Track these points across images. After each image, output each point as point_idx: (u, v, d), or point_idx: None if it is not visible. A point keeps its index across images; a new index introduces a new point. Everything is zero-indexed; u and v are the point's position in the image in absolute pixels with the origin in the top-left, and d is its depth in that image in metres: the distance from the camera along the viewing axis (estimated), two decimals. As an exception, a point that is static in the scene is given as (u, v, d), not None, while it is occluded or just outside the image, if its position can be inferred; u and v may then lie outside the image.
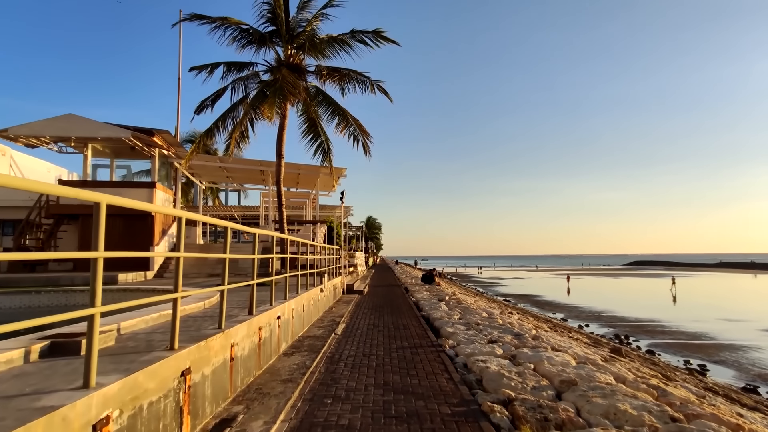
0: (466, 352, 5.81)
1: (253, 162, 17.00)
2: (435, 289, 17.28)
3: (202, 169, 18.59)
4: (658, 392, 4.20)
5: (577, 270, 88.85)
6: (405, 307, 11.29)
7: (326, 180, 18.84)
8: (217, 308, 5.50)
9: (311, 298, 8.57)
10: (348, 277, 18.07)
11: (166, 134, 14.17)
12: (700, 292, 42.68)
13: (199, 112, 15.88)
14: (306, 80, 15.09)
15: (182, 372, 2.87)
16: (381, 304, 12.14)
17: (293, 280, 7.87)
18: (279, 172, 14.92)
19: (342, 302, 12.35)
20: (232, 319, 4.48)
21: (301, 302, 7.42)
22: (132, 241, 13.45)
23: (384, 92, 15.55)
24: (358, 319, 9.04)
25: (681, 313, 26.52)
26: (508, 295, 37.66)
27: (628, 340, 18.64)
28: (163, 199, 15.44)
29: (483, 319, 9.15)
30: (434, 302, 12.26)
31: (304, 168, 17.33)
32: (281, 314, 5.92)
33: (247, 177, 19.93)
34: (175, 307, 3.05)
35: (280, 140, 14.93)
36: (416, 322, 8.84)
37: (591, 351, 7.25)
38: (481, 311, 10.70)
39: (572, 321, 23.30)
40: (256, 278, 5.04)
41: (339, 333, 7.40)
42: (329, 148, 16.03)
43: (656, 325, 22.55)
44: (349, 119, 14.09)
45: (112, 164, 15.96)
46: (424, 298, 13.51)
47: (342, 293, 14.64)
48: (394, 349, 6.16)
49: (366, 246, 61.54)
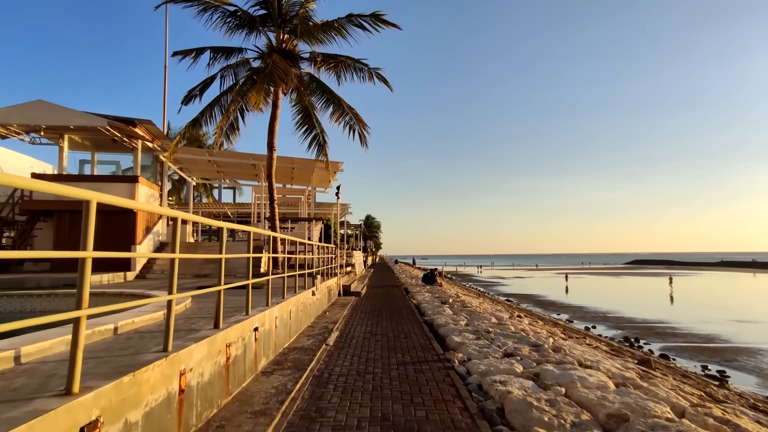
0: (479, 370, 4.88)
1: (244, 155, 16.04)
2: (437, 291, 16.36)
3: (192, 164, 17.63)
4: (731, 428, 3.28)
5: (577, 269, 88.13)
6: (405, 311, 10.37)
7: (322, 175, 17.89)
8: (186, 318, 4.61)
9: (301, 303, 7.64)
10: (345, 277, 17.13)
11: (150, 125, 13.20)
12: (705, 292, 41.91)
13: (187, 102, 14.91)
14: (299, 67, 14.13)
15: (81, 429, 1.93)
16: (379, 307, 11.21)
17: (281, 282, 6.95)
18: (270, 166, 13.96)
19: (337, 305, 11.41)
20: (188, 336, 3.53)
21: (287, 308, 6.48)
22: (112, 239, 12.50)
23: (383, 80, 14.61)
24: (353, 326, 8.11)
25: (689, 314, 25.69)
26: (510, 294, 36.85)
27: (639, 343, 17.80)
28: (148, 195, 14.49)
29: (493, 325, 8.22)
30: (437, 305, 11.34)
31: (298, 162, 16.38)
32: (260, 324, 4.98)
33: (239, 172, 18.97)
34: (77, 329, 2.10)
35: (272, 131, 13.97)
36: (418, 329, 7.91)
37: (618, 364, 6.33)
38: (489, 316, 9.78)
39: (578, 322, 22.45)
40: (223, 282, 4.09)
41: (331, 344, 6.46)
42: (325, 141, 15.09)
43: (666, 327, 21.71)
44: (344, 107, 13.14)
45: (93, 158, 14.99)
46: (426, 300, 12.59)
47: (338, 295, 13.71)
48: (394, 365, 5.22)
49: (365, 245, 60.65)
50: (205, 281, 11.57)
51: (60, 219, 12.36)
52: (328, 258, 13.95)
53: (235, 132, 16.16)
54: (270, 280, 6.69)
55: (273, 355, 5.56)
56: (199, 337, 3.50)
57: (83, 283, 2.19)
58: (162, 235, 15.62)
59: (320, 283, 9.44)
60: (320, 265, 11.84)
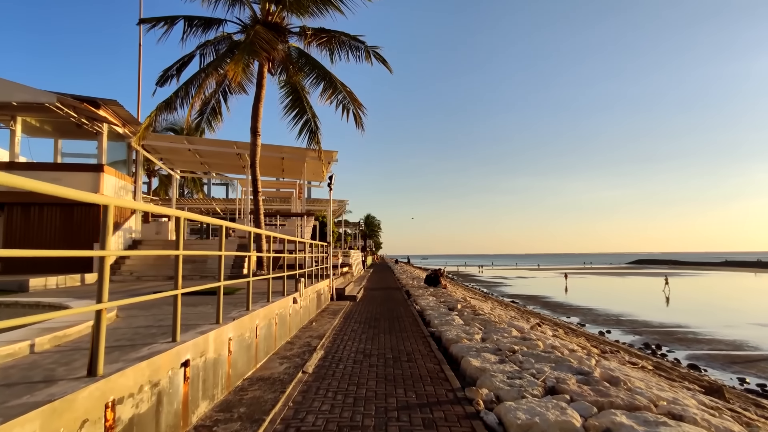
0: (518, 422, 3.30)
1: (227, 143, 14.43)
2: (441, 293, 14.76)
3: (172, 154, 16.00)
4: None
5: (579, 269, 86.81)
6: (408, 320, 8.78)
7: (315, 167, 16.28)
8: (84, 341, 3.02)
9: (276, 315, 6.05)
10: (340, 279, 15.53)
11: (117, 107, 11.59)
12: (716, 293, 40.47)
13: (163, 83, 13.28)
14: (287, 41, 12.52)
15: None
16: (377, 315, 9.62)
17: (264, 285, 5.40)
18: (254, 153, 12.35)
19: (328, 313, 9.82)
20: (23, 398, 1.93)
21: (250, 325, 4.89)
22: (70, 236, 10.93)
23: (382, 60, 12.99)
24: (343, 342, 6.52)
25: (706, 317, 24.20)
26: (514, 296, 35.47)
27: (661, 350, 16.31)
28: (118, 187, 12.89)
29: (515, 340, 6.63)
30: (444, 312, 9.75)
31: (287, 151, 14.78)
32: (194, 355, 3.38)
33: (224, 164, 17.34)
34: None
35: (256, 114, 12.36)
36: (425, 346, 6.33)
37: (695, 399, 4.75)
38: (506, 326, 8.19)
39: (590, 326, 20.97)
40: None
41: (310, 370, 4.86)
42: (317, 126, 13.49)
43: (686, 332, 20.19)
44: (337, 85, 11.52)
45: (56, 145, 13.39)
46: (431, 306, 11.00)
47: (330, 300, 12.11)
48: (393, 410, 3.63)
49: (364, 244, 59.12)
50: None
51: (10, 213, 10.78)
52: (319, 258, 12.36)
53: (217, 117, 14.56)
54: (250, 283, 5.14)
55: (223, 393, 3.96)
56: (36, 402, 1.89)
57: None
58: (136, 233, 14.04)
59: (305, 288, 7.85)
60: (311, 266, 10.26)
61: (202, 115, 14.37)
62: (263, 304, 5.72)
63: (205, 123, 14.52)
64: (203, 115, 14.36)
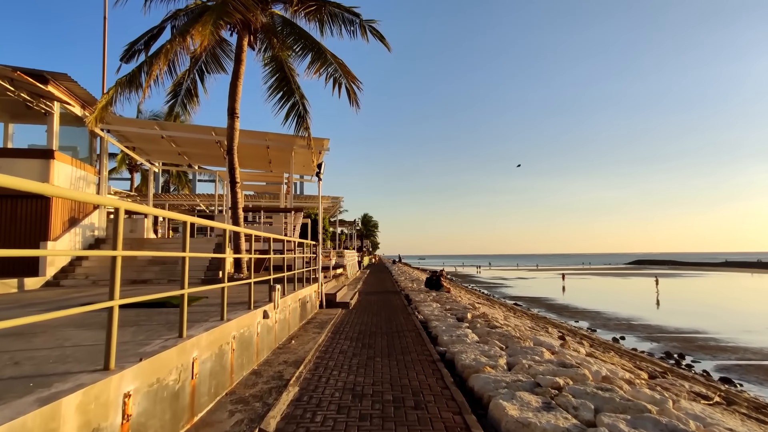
0: None
1: (204, 129, 12.76)
2: (445, 298, 13.18)
3: (144, 142, 14.30)
4: None
5: (579, 270, 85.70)
6: (410, 335, 7.19)
7: (305, 158, 14.66)
8: None
9: (233, 338, 4.44)
10: (332, 282, 13.93)
11: (69, 82, 9.92)
12: (723, 294, 39.16)
13: (129, 58, 11.61)
14: (270, 8, 10.90)
15: None
16: (373, 327, 8.02)
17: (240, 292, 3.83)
18: (232, 137, 10.73)
19: (314, 325, 8.20)
20: None
21: (179, 361, 3.27)
22: (12, 232, 9.29)
23: (379, 37, 11.37)
24: (327, 372, 4.91)
25: (722, 321, 22.81)
26: (517, 297, 34.08)
27: (684, 359, 14.82)
28: (76, 178, 11.22)
29: (552, 367, 5.06)
30: (452, 323, 8.18)
31: (273, 138, 13.14)
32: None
33: (204, 154, 15.67)
34: None
35: (234, 93, 10.73)
36: (435, 377, 4.73)
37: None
38: (530, 342, 6.63)
39: (602, 331, 19.50)
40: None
41: (271, 430, 3.26)
42: (305, 110, 11.87)
43: (706, 338, 18.74)
44: (327, 56, 9.91)
45: (5, 130, 11.71)
46: (435, 314, 9.41)
47: (319, 307, 10.50)
48: None
49: (361, 244, 57.54)
50: (136, 290, 8.38)
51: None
52: (307, 259, 10.75)
53: (193, 100, 12.92)
54: (185, 296, 3.56)
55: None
56: None
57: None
58: (100, 230, 12.36)
59: (282, 296, 6.24)
60: (300, 267, 8.64)
61: (176, 97, 12.74)
62: (214, 323, 4.12)
63: (179, 107, 12.88)
64: (177, 98, 12.73)
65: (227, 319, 4.34)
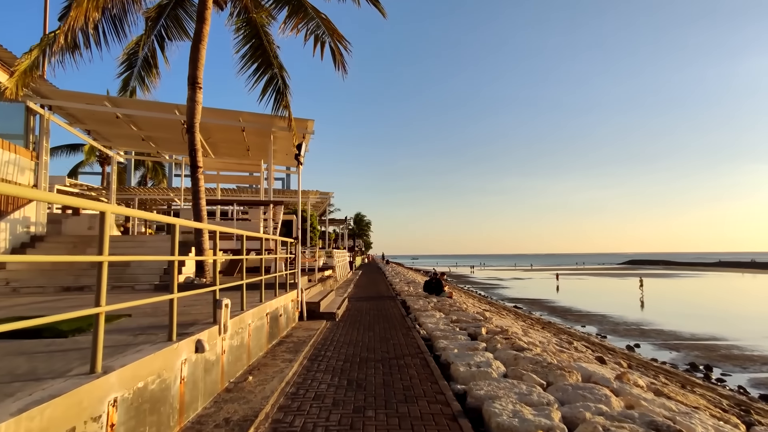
0: None
1: (164, 107, 10.76)
2: (448, 305, 11.37)
3: (96, 122, 12.20)
4: None
5: (573, 270, 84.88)
6: (413, 365, 5.35)
7: (287, 143, 12.76)
8: None
9: (110, 404, 2.57)
10: (318, 286, 12.04)
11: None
12: (725, 295, 38.05)
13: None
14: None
15: None
16: (363, 350, 6.17)
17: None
18: (193, 112, 8.79)
19: (286, 347, 6.30)
20: None
21: None
22: None
23: (373, 1, 9.54)
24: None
25: (736, 325, 21.43)
26: (515, 299, 32.58)
27: (712, 371, 13.24)
28: (2, 161, 9.22)
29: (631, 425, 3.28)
30: (464, 342, 6.37)
31: (248, 118, 11.21)
32: None
33: (173, 140, 13.61)
34: None
35: (196, 59, 8.77)
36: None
37: None
38: (577, 375, 4.85)
39: (612, 338, 17.92)
40: None
41: None
42: (285, 84, 9.97)
43: (727, 345, 17.25)
44: (307, 8, 8.03)
45: None
46: (441, 328, 7.59)
47: (299, 318, 8.61)
48: None
49: (353, 244, 55.64)
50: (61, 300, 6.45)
51: None
52: (290, 260, 8.86)
53: (152, 72, 10.93)
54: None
55: None
56: None
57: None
58: (38, 225, 10.34)
59: (229, 320, 4.36)
60: (275, 271, 6.68)
61: (132, 68, 10.75)
62: (67, 383, 2.25)
63: (136, 80, 10.89)
64: (132, 69, 10.74)
65: (102, 371, 2.45)
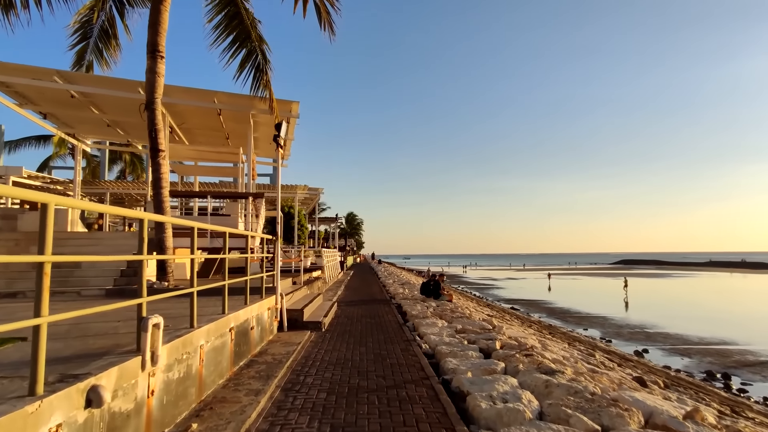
0: None
1: (125, 84, 9.36)
2: (449, 310, 10.14)
3: (52, 103, 10.73)
4: None
5: (566, 270, 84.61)
6: (418, 397, 4.10)
7: (268, 127, 11.42)
8: None
9: None
10: (303, 290, 10.73)
11: None
12: (724, 296, 37.53)
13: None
14: None
15: None
16: (353, 375, 4.89)
17: None
18: (153, 86, 7.40)
19: (255, 371, 5.00)
20: None
21: None
22: None
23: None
24: None
25: (741, 327, 20.66)
26: (511, 300, 31.63)
27: (730, 379, 12.25)
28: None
29: None
30: (477, 361, 5.14)
31: (223, 99, 9.86)
32: None
33: (141, 125, 12.19)
34: None
35: (156, 23, 7.39)
36: None
37: None
38: (635, 412, 3.66)
39: (618, 342, 16.91)
40: None
41: None
42: (266, 59, 8.66)
43: (741, 351, 16.32)
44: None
45: None
46: (445, 341, 6.35)
47: (279, 329, 7.31)
48: None
49: (345, 243, 54.28)
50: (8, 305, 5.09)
51: None
52: (259, 259, 7.53)
53: (110, 44, 9.53)
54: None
55: None
56: None
57: None
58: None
59: (161, 345, 3.07)
60: (251, 273, 5.34)
61: (87, 39, 9.33)
62: None
63: (92, 53, 9.48)
64: (88, 40, 9.32)
65: None
